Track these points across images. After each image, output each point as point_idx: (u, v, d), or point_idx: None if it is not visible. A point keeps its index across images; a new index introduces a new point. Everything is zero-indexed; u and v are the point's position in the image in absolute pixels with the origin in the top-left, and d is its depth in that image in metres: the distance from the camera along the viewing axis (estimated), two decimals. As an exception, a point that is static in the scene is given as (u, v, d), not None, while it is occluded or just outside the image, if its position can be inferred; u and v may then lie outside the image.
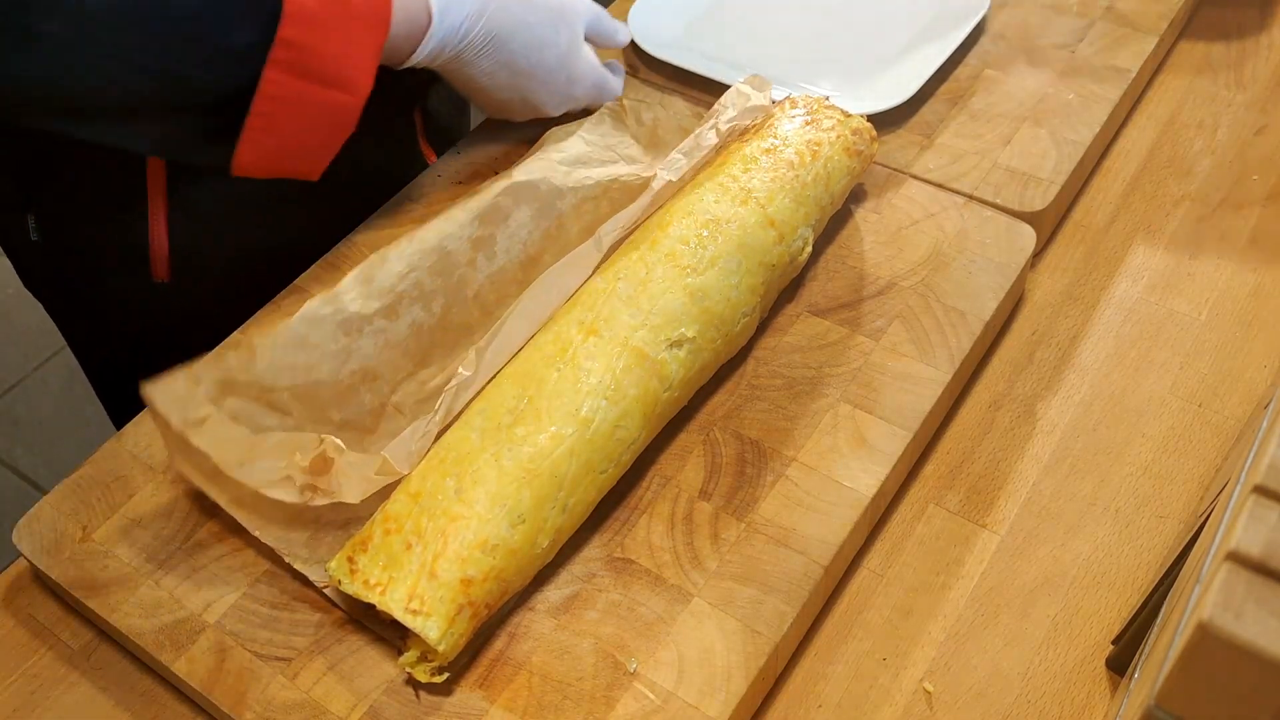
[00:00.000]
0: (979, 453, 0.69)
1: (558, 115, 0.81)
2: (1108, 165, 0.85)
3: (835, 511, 0.62)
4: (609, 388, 0.61)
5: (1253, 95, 0.89)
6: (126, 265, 0.82)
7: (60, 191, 0.79)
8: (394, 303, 0.66)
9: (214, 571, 0.61)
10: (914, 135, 0.83)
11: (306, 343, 0.64)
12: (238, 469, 0.59)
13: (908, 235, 0.76)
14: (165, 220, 0.79)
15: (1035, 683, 0.59)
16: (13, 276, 0.90)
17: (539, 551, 0.59)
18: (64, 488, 0.65)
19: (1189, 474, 0.66)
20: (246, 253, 0.83)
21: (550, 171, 0.73)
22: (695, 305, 0.65)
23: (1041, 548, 0.64)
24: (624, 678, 0.57)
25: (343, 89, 0.66)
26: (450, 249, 0.69)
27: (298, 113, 0.65)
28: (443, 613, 0.55)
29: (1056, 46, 0.89)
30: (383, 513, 0.59)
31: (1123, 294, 0.76)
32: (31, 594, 0.64)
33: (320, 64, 0.64)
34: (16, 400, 1.87)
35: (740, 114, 0.74)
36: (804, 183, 0.71)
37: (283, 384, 0.63)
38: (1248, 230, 0.79)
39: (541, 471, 0.58)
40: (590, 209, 0.74)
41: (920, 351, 0.69)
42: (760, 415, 0.67)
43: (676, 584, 0.60)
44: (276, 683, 0.57)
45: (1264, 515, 0.34)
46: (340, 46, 0.65)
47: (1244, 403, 0.69)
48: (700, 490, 0.64)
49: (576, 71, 0.79)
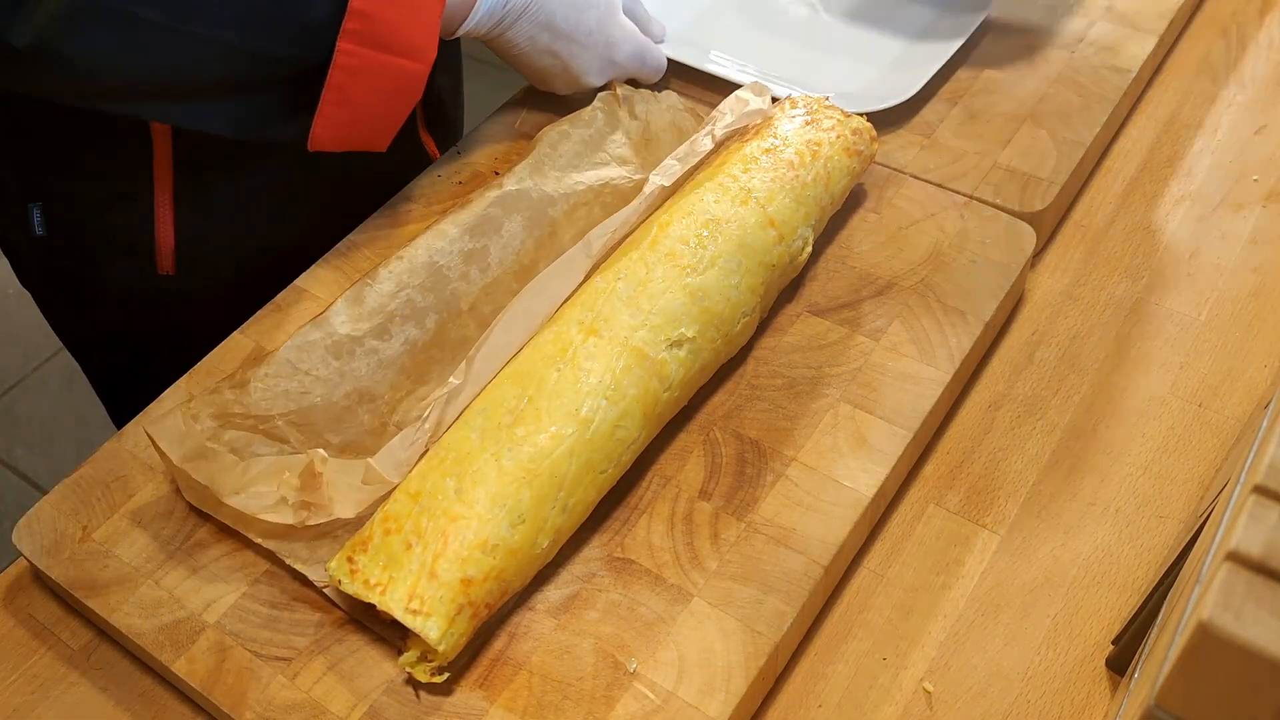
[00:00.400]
0: (979, 453, 0.69)
1: (599, 84, 0.83)
2: (1108, 165, 0.85)
3: (835, 511, 0.62)
4: (609, 388, 0.61)
5: (1253, 95, 0.89)
6: (132, 258, 0.82)
7: (67, 183, 0.80)
8: (385, 322, 0.67)
9: (214, 571, 0.61)
10: (914, 135, 0.83)
11: (298, 369, 0.64)
12: (234, 497, 0.59)
13: (908, 235, 0.76)
14: (172, 213, 0.80)
15: (1035, 683, 0.59)
16: (13, 276, 0.90)
17: (539, 551, 0.59)
18: (64, 488, 0.65)
19: (1189, 474, 0.66)
20: (251, 246, 0.83)
21: (541, 178, 0.73)
22: (695, 305, 0.65)
23: (1041, 548, 0.64)
24: (624, 678, 0.57)
25: (410, 56, 0.69)
26: (441, 264, 0.69)
27: (369, 83, 0.68)
28: (443, 613, 0.55)
29: (1056, 46, 0.89)
30: (383, 513, 0.59)
31: (1123, 294, 0.76)
32: (31, 594, 0.64)
33: (389, 33, 0.67)
34: (16, 400, 1.87)
35: (738, 119, 0.74)
36: (804, 183, 0.71)
37: (277, 411, 0.63)
38: (1248, 230, 0.79)
39: (541, 471, 0.58)
40: (583, 214, 0.74)
41: (920, 351, 0.69)
42: (760, 415, 0.67)
43: (676, 584, 0.60)
44: (276, 683, 0.57)
45: (1264, 515, 0.34)
46: (406, 15, 0.67)
47: (1244, 403, 0.69)
48: (700, 490, 0.64)
49: (615, 35, 0.81)
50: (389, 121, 0.72)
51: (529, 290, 0.66)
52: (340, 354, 0.65)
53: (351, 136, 0.71)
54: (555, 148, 0.76)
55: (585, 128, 0.78)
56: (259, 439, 0.63)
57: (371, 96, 0.69)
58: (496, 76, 1.06)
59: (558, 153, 0.75)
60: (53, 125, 0.77)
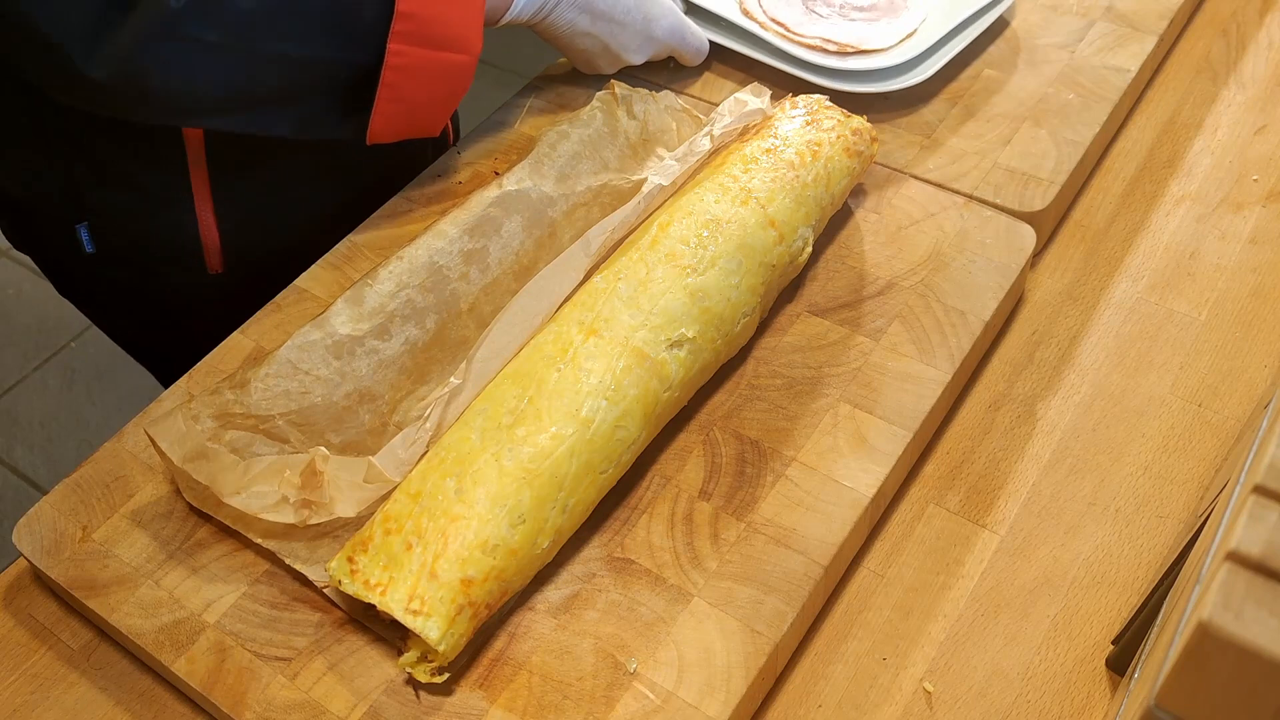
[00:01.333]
0: (979, 453, 0.69)
1: (640, 62, 0.87)
2: (1108, 165, 0.85)
3: (835, 511, 0.62)
4: (609, 388, 0.61)
5: (1253, 95, 0.89)
6: (181, 262, 0.85)
7: (109, 198, 0.82)
8: (385, 323, 0.67)
9: (214, 571, 0.61)
10: (914, 135, 0.83)
11: (298, 369, 0.64)
12: (235, 498, 0.59)
13: (908, 235, 0.76)
14: (213, 212, 0.83)
15: (1035, 683, 0.59)
16: (13, 276, 0.91)
17: (539, 552, 0.59)
18: (64, 488, 0.65)
19: (1189, 474, 0.66)
20: (293, 234, 0.86)
21: (540, 178, 0.73)
22: (695, 305, 0.65)
23: (1041, 548, 0.64)
24: (624, 678, 0.57)
25: (458, 50, 0.72)
26: (441, 264, 0.69)
27: (420, 78, 0.72)
28: (443, 613, 0.55)
29: (1056, 46, 0.89)
30: (383, 513, 0.59)
31: (1123, 294, 0.76)
32: (31, 594, 0.64)
33: (436, 30, 0.71)
34: (16, 400, 1.87)
35: (736, 119, 0.74)
36: (804, 183, 0.71)
37: (277, 411, 0.63)
38: (1248, 230, 0.79)
39: (542, 472, 0.58)
40: (582, 215, 0.74)
41: (920, 351, 0.69)
42: (760, 415, 0.67)
43: (676, 584, 0.60)
44: (276, 683, 0.57)
45: (1264, 515, 0.34)
46: (451, 11, 0.71)
47: (1244, 403, 0.69)
48: (700, 490, 0.64)
49: (654, 12, 0.84)
50: (441, 110, 0.76)
51: (529, 290, 0.66)
52: (341, 354, 0.65)
53: (407, 128, 0.75)
54: (554, 148, 0.76)
55: (584, 128, 0.77)
56: (259, 439, 0.63)
57: (423, 91, 0.73)
58: (496, 76, 1.06)
59: (557, 153, 0.75)
60: (89, 141, 0.79)
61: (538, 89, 0.89)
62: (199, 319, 0.88)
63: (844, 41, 0.86)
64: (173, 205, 0.82)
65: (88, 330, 1.89)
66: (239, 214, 0.84)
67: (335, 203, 0.86)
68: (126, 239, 0.84)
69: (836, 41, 0.86)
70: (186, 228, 0.83)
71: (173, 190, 0.81)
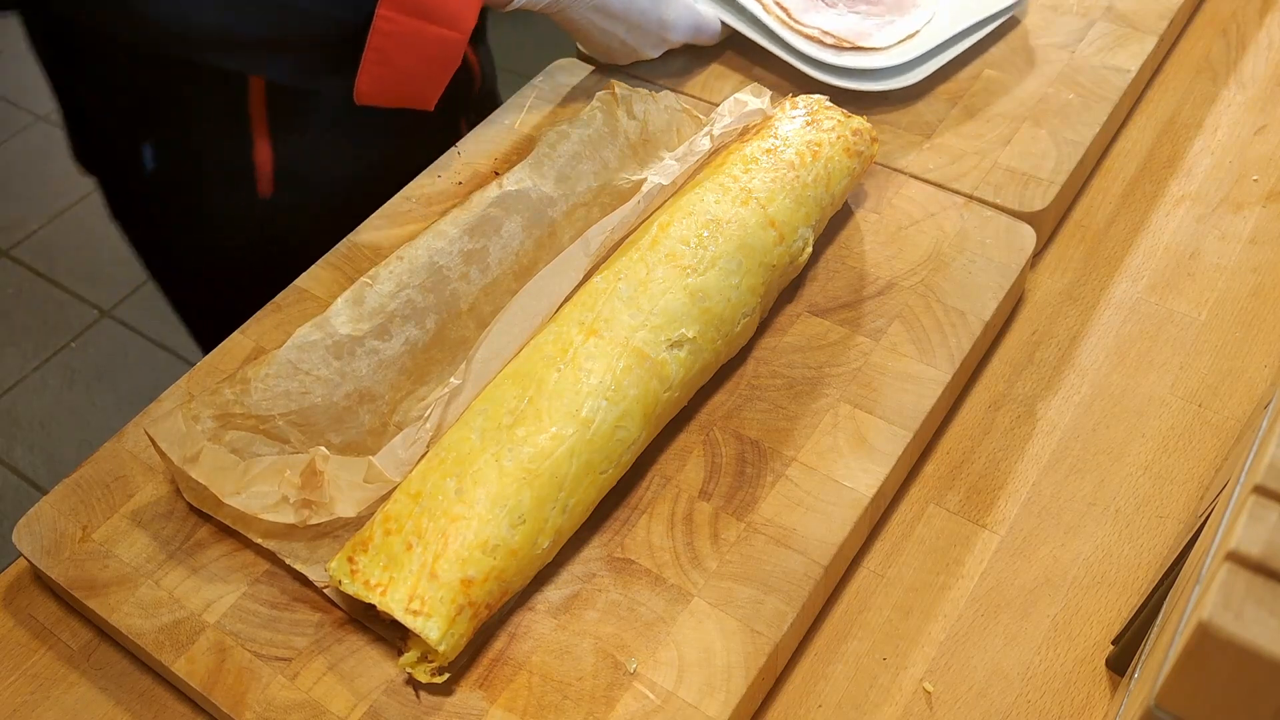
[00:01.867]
0: (979, 453, 0.69)
1: (655, 55, 0.88)
2: (1108, 165, 0.85)
3: (835, 511, 0.62)
4: (609, 388, 0.61)
5: (1253, 95, 0.89)
6: (234, 184, 0.88)
7: (175, 120, 0.86)
8: (385, 323, 0.67)
9: (214, 571, 0.61)
10: (914, 135, 0.83)
11: (298, 369, 0.64)
12: (235, 498, 0.59)
13: (908, 235, 0.76)
14: (269, 142, 0.86)
15: (1035, 683, 0.59)
16: (13, 276, 0.91)
17: (539, 552, 0.59)
18: (64, 488, 0.65)
19: (1189, 474, 0.66)
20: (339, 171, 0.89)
21: (541, 178, 0.73)
22: (695, 305, 0.65)
23: (1041, 548, 0.64)
24: (624, 678, 0.57)
25: (449, 25, 0.74)
26: (441, 264, 0.69)
27: (408, 47, 0.74)
28: (443, 613, 0.55)
29: (1056, 46, 0.89)
30: (383, 513, 0.59)
31: (1123, 294, 0.76)
32: (31, 594, 0.64)
33: (428, 2, 0.72)
34: (16, 400, 1.87)
35: (736, 119, 0.74)
36: (804, 183, 0.71)
37: (278, 411, 0.63)
38: (1248, 230, 0.79)
39: (542, 472, 0.58)
40: (582, 215, 0.74)
41: (920, 351, 0.69)
42: (760, 415, 0.67)
43: (676, 584, 0.60)
44: (276, 683, 0.57)
45: (1264, 515, 0.34)
46: None
47: (1244, 403, 0.69)
48: (700, 490, 0.64)
49: (668, 16, 0.85)
50: (430, 84, 0.77)
51: (529, 290, 0.66)
52: (341, 354, 0.65)
53: (395, 94, 0.77)
54: (555, 148, 0.76)
55: (584, 128, 0.77)
56: (259, 439, 0.63)
57: (410, 59, 0.75)
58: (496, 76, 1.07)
59: (557, 153, 0.75)
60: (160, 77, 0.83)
61: (538, 89, 0.89)
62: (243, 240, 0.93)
63: (841, 35, 0.86)
64: (232, 132, 0.85)
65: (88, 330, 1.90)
66: (294, 147, 0.87)
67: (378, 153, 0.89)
68: (186, 160, 0.88)
69: (834, 34, 0.86)
70: (243, 153, 0.86)
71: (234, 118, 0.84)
